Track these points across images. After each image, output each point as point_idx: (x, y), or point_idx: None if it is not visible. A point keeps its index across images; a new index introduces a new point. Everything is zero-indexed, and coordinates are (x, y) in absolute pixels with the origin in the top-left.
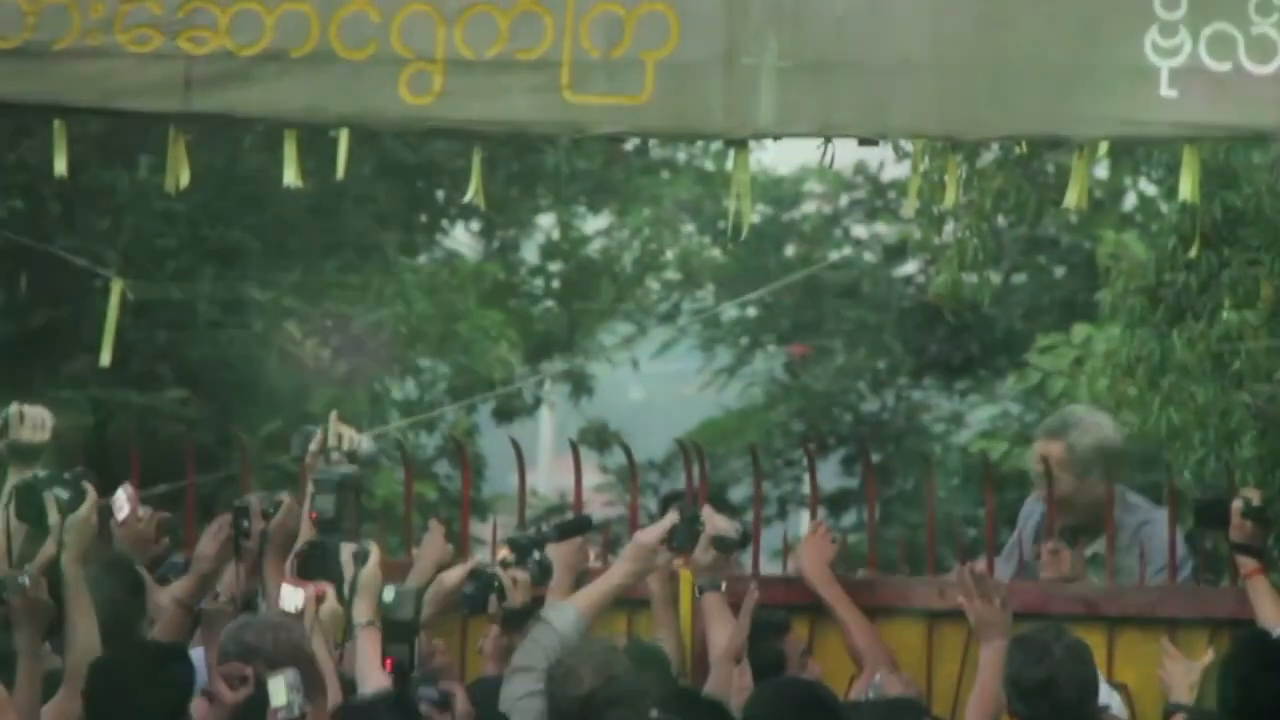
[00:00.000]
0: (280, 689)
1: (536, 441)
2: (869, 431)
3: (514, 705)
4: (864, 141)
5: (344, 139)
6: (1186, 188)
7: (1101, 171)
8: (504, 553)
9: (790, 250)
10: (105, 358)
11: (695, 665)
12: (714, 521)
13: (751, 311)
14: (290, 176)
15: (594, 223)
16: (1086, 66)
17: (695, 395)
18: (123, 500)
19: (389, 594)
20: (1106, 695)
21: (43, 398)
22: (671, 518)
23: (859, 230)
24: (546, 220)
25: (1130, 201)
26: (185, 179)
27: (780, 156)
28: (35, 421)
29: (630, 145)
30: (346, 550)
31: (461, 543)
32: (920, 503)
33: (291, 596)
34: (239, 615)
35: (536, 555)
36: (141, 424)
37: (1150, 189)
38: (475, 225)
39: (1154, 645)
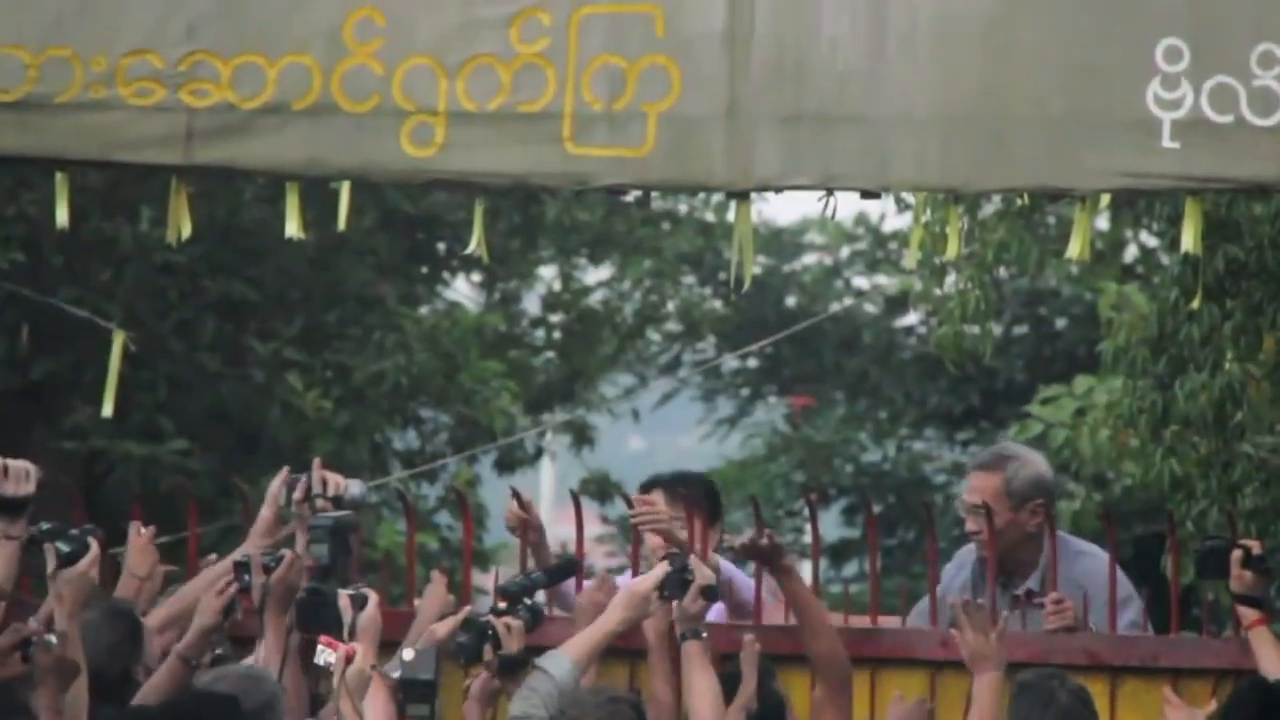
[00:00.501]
0: None
1: (538, 492)
2: (870, 482)
3: None
4: (866, 194)
5: (345, 191)
6: (1188, 239)
7: (1103, 223)
8: (496, 600)
9: (791, 301)
10: (107, 409)
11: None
12: (701, 571)
13: (752, 362)
14: (292, 228)
15: (595, 274)
16: (1088, 119)
17: (696, 446)
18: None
19: (408, 654)
20: None
21: (44, 449)
22: (663, 567)
23: (860, 281)
24: (548, 271)
25: (1132, 253)
26: (187, 230)
27: (781, 208)
28: (18, 474)
29: (631, 197)
30: (344, 596)
31: (463, 593)
32: (922, 553)
33: (323, 654)
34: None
35: (528, 601)
36: (143, 475)
37: (1152, 241)
38: (476, 276)
39: (1156, 694)
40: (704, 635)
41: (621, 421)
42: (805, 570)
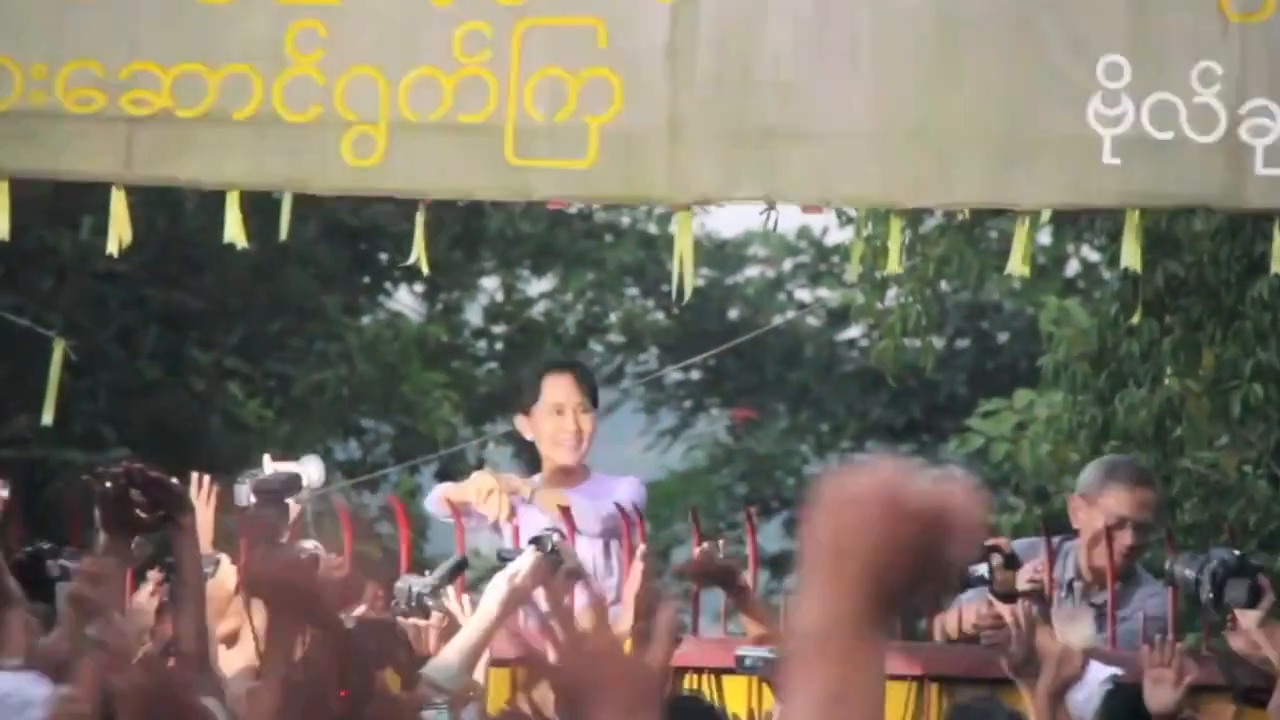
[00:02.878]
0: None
1: None
2: (812, 495)
3: None
4: (807, 208)
5: (287, 201)
6: (1128, 255)
7: (1045, 238)
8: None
9: (734, 313)
10: (47, 417)
11: None
12: (565, 551)
13: (695, 375)
14: (232, 234)
15: (538, 285)
16: (1029, 134)
17: (639, 456)
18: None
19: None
20: None
21: None
22: (534, 554)
23: (802, 294)
24: (490, 283)
25: (1073, 268)
26: (127, 239)
27: (725, 220)
28: None
29: (574, 209)
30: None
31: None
32: None
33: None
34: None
35: (430, 604)
36: (83, 484)
37: (1093, 255)
38: (419, 287)
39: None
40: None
41: None
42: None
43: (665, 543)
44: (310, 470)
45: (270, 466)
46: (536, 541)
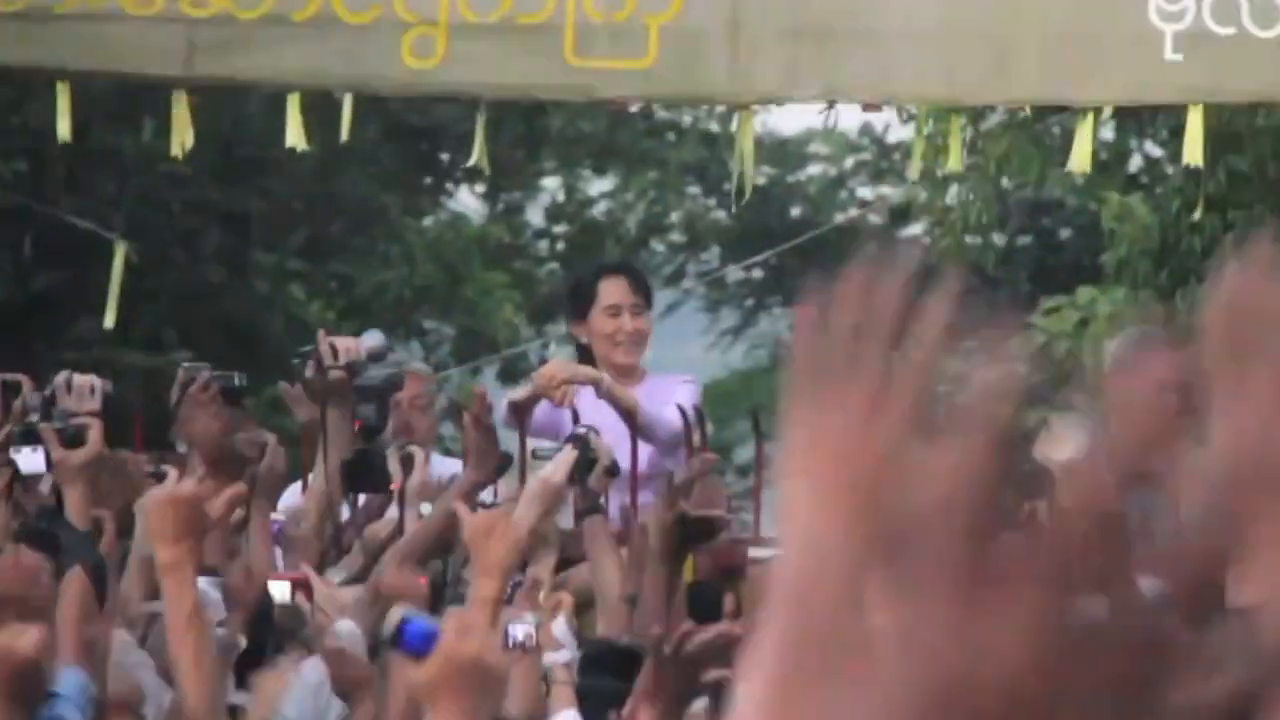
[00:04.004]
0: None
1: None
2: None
3: None
4: (868, 107)
5: (348, 103)
6: (1191, 151)
7: (1107, 134)
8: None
9: (796, 212)
10: (109, 319)
11: None
12: (603, 449)
13: (757, 273)
14: (294, 138)
15: (598, 185)
16: (1091, 32)
17: (702, 355)
18: None
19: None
20: None
21: (47, 360)
22: (570, 452)
23: (864, 192)
24: (551, 183)
25: (1135, 164)
26: (189, 142)
27: (786, 119)
28: (82, 390)
29: (635, 108)
30: (394, 457)
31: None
32: None
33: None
34: None
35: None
36: (146, 386)
37: (1156, 151)
38: (480, 188)
39: None
40: (604, 511)
41: None
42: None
43: (729, 441)
44: (372, 343)
45: (325, 342)
46: (573, 439)
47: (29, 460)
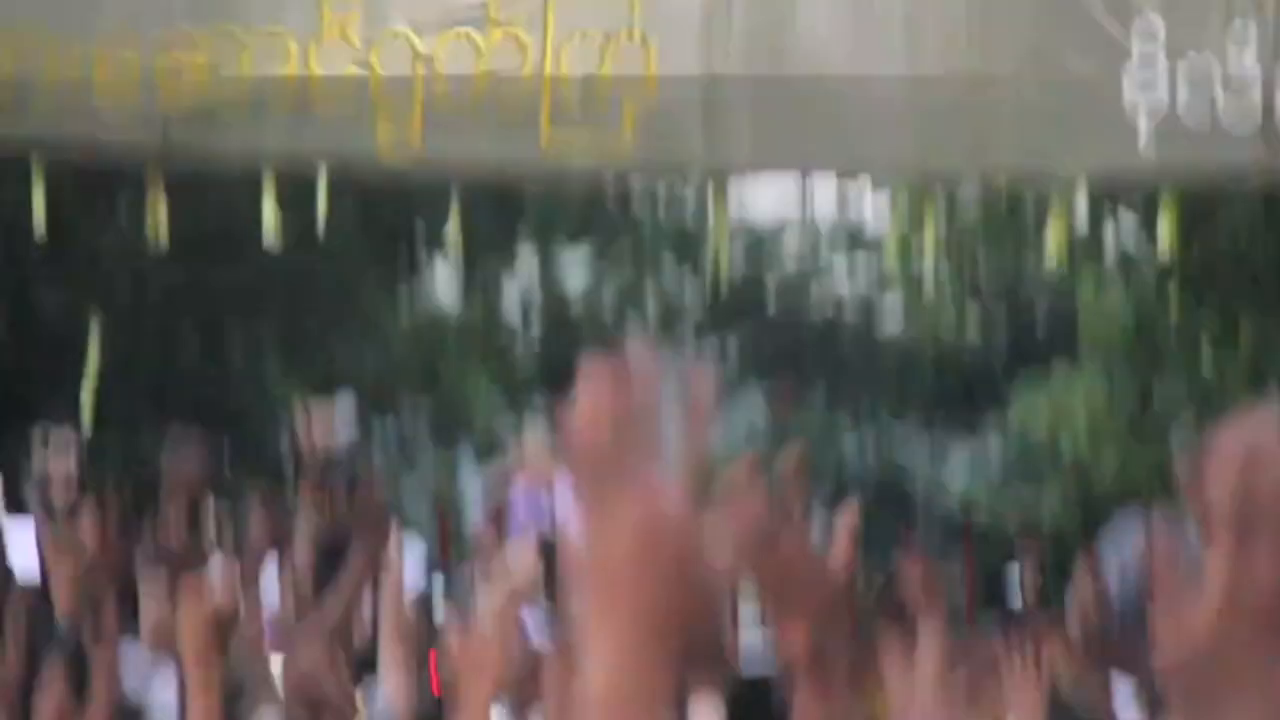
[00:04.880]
0: None
1: None
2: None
3: None
4: (842, 175)
5: (323, 187)
6: (1166, 238)
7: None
8: None
9: (771, 286)
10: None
11: None
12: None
13: (732, 350)
14: (269, 236)
15: (574, 258)
16: (1064, 110)
17: None
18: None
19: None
20: None
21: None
22: (533, 552)
23: (839, 262)
24: (527, 256)
25: (1110, 240)
26: (163, 226)
27: (760, 205)
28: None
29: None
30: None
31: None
32: None
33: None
34: None
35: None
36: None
37: (1129, 230)
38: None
39: None
40: None
41: None
42: None
43: None
44: (344, 408)
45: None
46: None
47: None
